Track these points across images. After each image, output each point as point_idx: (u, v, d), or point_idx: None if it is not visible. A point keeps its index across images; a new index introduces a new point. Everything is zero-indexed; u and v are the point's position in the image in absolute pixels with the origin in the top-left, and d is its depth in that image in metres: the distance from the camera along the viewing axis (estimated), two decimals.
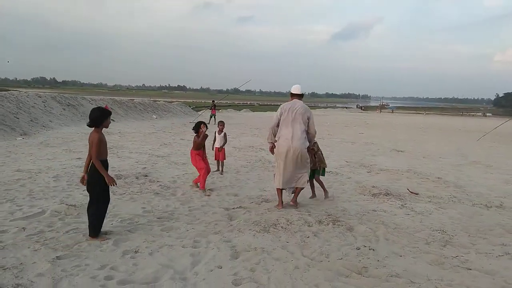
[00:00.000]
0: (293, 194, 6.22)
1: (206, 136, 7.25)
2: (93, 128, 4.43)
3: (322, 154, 6.80)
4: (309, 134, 6.10)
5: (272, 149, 6.20)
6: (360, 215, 5.76)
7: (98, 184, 4.41)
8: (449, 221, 5.73)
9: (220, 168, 8.86)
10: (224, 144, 8.91)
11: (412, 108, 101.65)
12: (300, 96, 6.21)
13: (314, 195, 6.83)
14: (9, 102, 17.27)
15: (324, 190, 6.83)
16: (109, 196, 4.66)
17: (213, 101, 28.72)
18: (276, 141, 6.09)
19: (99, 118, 4.40)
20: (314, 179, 6.79)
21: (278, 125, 6.05)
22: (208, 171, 7.20)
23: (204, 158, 7.29)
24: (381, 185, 7.96)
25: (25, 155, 9.98)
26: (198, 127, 7.26)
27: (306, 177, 6.09)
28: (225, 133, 9.00)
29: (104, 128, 4.49)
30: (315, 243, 4.53)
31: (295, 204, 6.16)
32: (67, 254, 4.02)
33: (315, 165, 6.63)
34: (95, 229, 4.49)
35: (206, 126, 7.36)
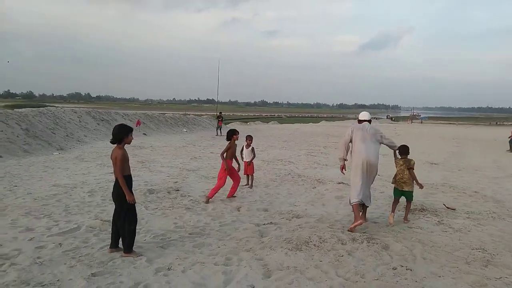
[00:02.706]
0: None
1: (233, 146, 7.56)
2: (116, 145, 4.51)
3: (408, 172, 6.14)
4: (389, 144, 6.25)
5: (343, 168, 6.09)
6: (395, 233, 5.58)
7: (123, 198, 4.44)
8: (489, 238, 5.47)
9: (250, 182, 8.85)
10: (252, 159, 8.91)
11: (444, 119, 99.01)
12: (368, 122, 6.33)
13: (404, 218, 6.25)
14: (47, 118, 17.97)
15: (405, 215, 6.31)
16: (135, 211, 4.67)
17: (220, 113, 28.32)
18: (346, 159, 6.05)
19: (120, 134, 4.48)
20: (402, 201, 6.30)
21: (350, 141, 6.05)
22: (219, 185, 7.38)
23: (232, 170, 7.49)
24: (416, 199, 7.67)
25: (61, 169, 10.30)
26: (230, 135, 7.59)
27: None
28: (252, 147, 9.01)
29: (126, 144, 4.56)
30: (350, 263, 4.41)
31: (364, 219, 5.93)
32: (102, 271, 4.07)
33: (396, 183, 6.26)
34: (129, 246, 4.52)
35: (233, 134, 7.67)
